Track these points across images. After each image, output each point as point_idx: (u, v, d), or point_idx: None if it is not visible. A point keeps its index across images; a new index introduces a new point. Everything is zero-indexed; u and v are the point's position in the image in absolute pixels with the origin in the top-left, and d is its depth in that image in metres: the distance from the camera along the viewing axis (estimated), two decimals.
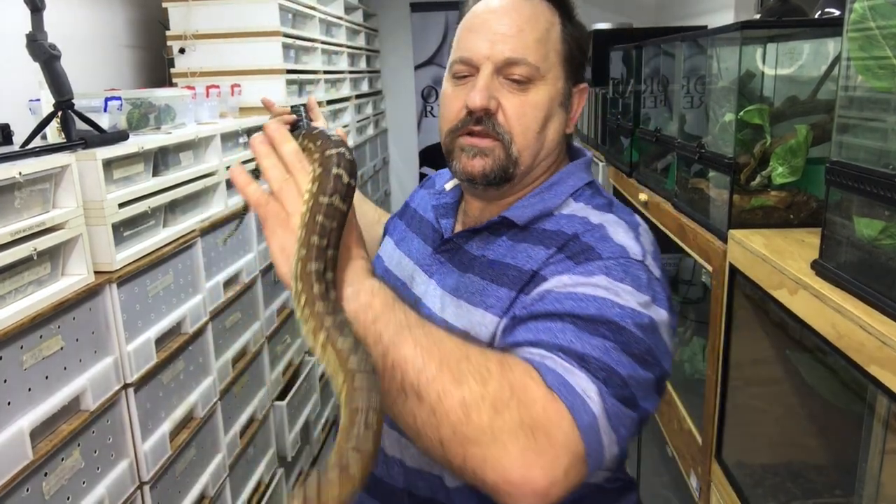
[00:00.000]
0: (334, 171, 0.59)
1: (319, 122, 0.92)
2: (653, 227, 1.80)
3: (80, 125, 1.34)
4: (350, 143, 2.18)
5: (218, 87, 2.07)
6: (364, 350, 0.54)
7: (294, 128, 0.71)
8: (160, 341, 1.43)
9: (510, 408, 0.62)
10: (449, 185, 1.01)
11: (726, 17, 2.66)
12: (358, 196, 1.06)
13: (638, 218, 0.87)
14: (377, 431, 0.49)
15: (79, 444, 1.18)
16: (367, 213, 1.21)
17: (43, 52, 1.28)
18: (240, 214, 1.68)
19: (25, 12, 1.26)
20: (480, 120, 0.83)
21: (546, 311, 0.73)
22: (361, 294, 0.64)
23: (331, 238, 0.58)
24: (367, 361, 0.53)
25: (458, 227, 0.95)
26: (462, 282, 0.86)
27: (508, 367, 0.65)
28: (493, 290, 0.82)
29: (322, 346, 0.55)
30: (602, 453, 0.66)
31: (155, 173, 1.50)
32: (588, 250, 0.79)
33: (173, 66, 2.34)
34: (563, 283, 0.75)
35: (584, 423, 0.64)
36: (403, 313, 0.65)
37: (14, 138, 1.47)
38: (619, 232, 0.81)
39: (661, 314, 0.75)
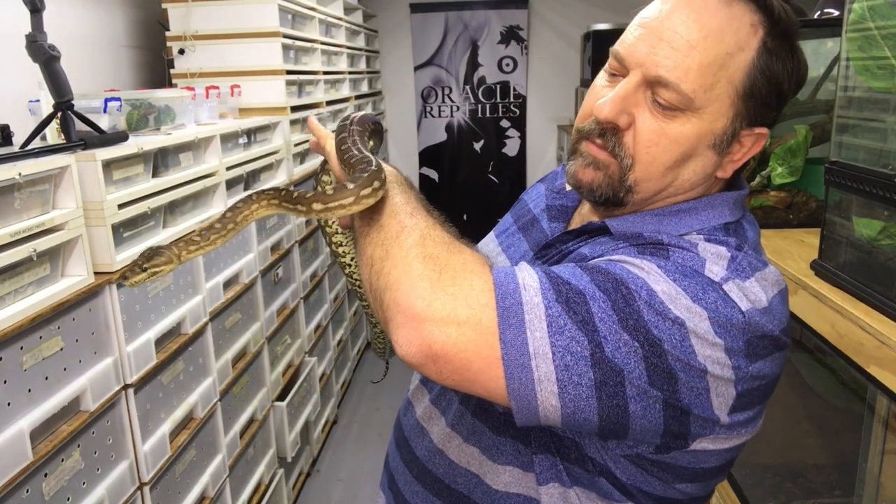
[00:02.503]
0: (353, 117, 0.87)
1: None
2: None
3: (80, 126, 1.34)
4: None
5: (217, 87, 2.07)
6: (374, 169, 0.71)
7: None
8: (160, 342, 1.43)
9: (437, 244, 0.64)
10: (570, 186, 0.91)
11: None
12: None
13: (772, 269, 0.70)
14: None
15: (79, 445, 1.18)
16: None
17: (42, 53, 1.28)
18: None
19: (25, 13, 1.26)
20: (604, 133, 0.72)
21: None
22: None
23: (348, 140, 0.81)
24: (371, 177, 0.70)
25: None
26: None
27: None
28: None
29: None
30: (524, 358, 0.59)
31: (155, 174, 1.50)
32: (659, 250, 0.68)
33: (173, 66, 2.33)
34: (609, 258, 0.68)
35: (506, 303, 0.60)
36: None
37: (14, 139, 1.47)
38: (713, 253, 0.67)
39: (711, 334, 0.60)
